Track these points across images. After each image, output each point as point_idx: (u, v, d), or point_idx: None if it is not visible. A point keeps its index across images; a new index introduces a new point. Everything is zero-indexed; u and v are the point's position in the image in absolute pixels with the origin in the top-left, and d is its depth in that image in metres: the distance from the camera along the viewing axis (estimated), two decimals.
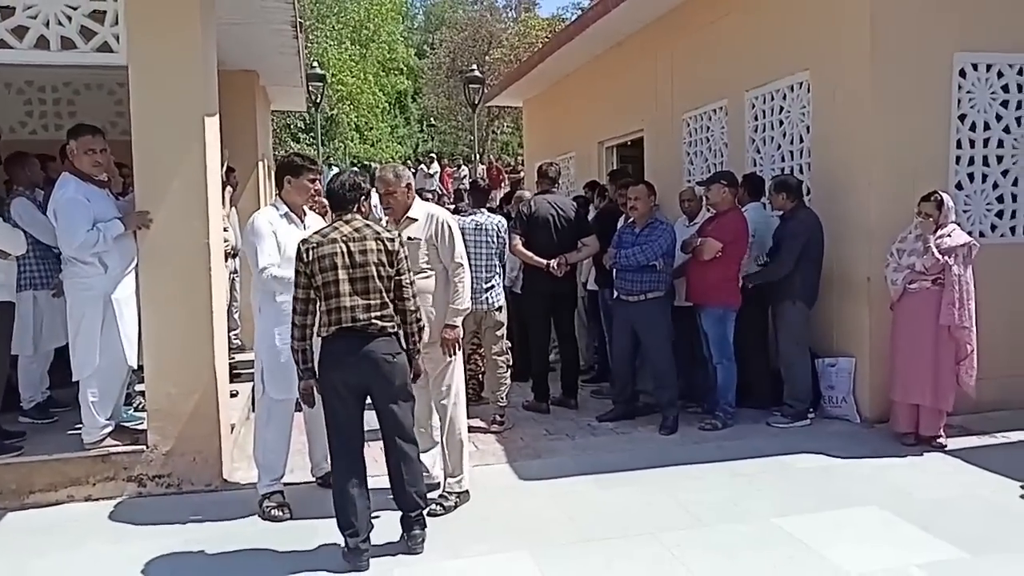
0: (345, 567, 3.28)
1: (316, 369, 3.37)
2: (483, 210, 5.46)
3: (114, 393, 4.28)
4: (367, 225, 3.41)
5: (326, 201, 3.90)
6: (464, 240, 4.18)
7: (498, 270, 5.35)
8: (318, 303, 3.33)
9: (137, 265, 4.23)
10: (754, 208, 5.65)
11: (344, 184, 3.47)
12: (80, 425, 4.26)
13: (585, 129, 9.97)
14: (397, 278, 3.40)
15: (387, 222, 4.01)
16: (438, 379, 3.98)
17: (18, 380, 4.77)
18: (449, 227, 3.96)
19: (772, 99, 6.16)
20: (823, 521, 3.74)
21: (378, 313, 3.31)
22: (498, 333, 5.27)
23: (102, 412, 4.20)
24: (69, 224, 4.04)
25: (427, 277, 3.92)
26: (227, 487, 4.28)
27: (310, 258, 3.30)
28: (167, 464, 4.21)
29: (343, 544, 3.32)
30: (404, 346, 3.44)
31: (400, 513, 3.46)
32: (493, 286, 5.22)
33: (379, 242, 3.35)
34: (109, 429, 4.25)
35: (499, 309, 5.26)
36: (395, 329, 3.39)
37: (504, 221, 5.52)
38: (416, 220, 3.94)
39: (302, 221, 4.03)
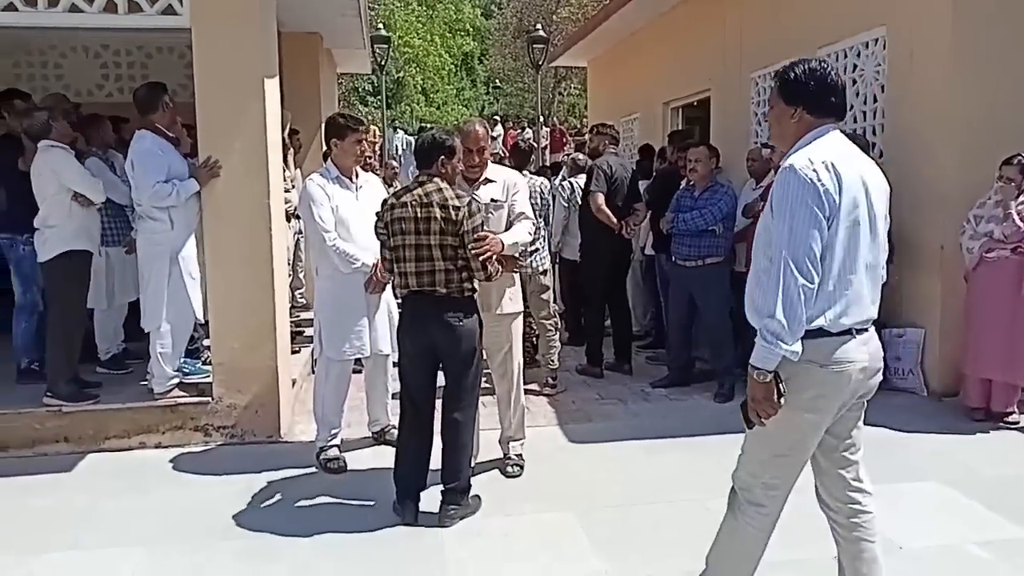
0: (395, 519, 3.38)
1: None
2: (526, 172, 5.43)
3: (181, 346, 4.47)
4: (439, 190, 3.29)
5: (395, 163, 3.93)
6: None
7: (542, 232, 5.32)
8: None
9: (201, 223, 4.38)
10: None
11: (424, 141, 3.41)
12: (150, 376, 4.48)
13: (650, 90, 9.74)
14: (465, 250, 3.27)
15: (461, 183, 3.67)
16: (503, 348, 3.83)
17: (95, 333, 5.02)
18: (518, 183, 3.83)
19: (845, 57, 5.88)
20: (880, 495, 3.52)
21: (443, 278, 3.26)
22: (543, 297, 5.26)
23: (170, 364, 4.40)
24: (144, 174, 4.21)
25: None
26: (287, 439, 4.45)
27: (386, 220, 3.33)
28: (230, 415, 4.39)
29: (395, 496, 3.41)
30: (476, 312, 3.40)
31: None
32: (537, 249, 5.17)
33: (443, 209, 3.23)
34: (177, 380, 4.46)
35: (544, 273, 5.24)
36: (465, 293, 3.32)
37: (546, 183, 5.49)
38: (495, 182, 3.74)
39: (354, 182, 4.05)
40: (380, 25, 18.23)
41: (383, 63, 16.69)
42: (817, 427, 2.28)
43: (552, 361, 5.30)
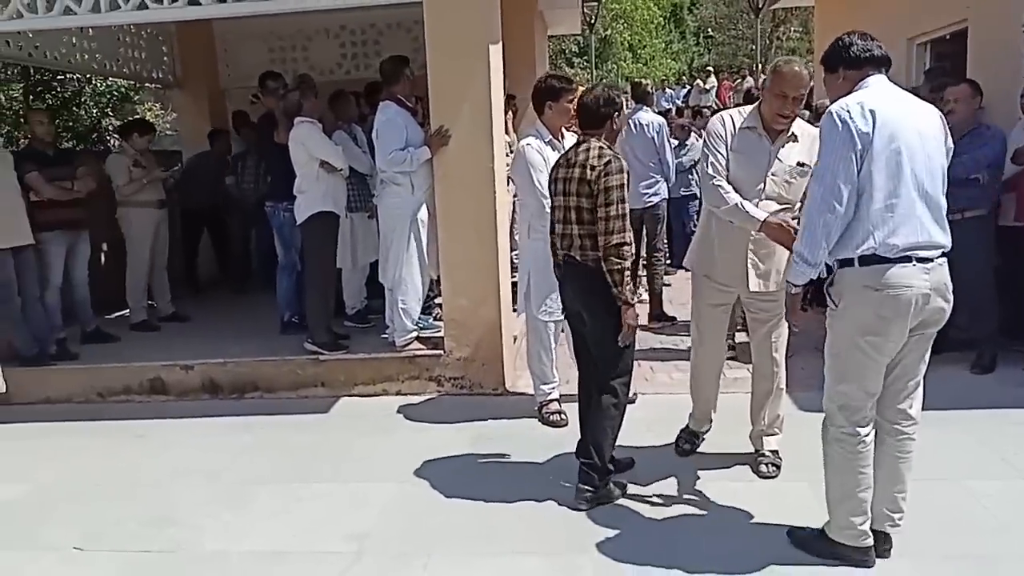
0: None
1: None
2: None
3: (418, 301, 4.81)
4: (588, 150, 3.12)
5: None
6: None
7: None
8: None
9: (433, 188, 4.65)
10: None
11: (599, 99, 3.15)
12: (389, 330, 4.87)
13: (891, 24, 8.70)
14: (595, 209, 3.05)
15: (759, 130, 3.15)
16: (772, 326, 3.34)
17: (343, 290, 5.55)
18: None
19: None
20: None
21: (579, 243, 3.13)
22: None
23: (408, 318, 4.76)
24: (384, 140, 4.56)
25: (789, 211, 3.16)
26: (510, 392, 4.65)
27: (553, 178, 3.28)
28: (460, 368, 4.67)
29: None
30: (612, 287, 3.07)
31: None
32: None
33: (584, 170, 3.07)
34: (415, 334, 4.83)
35: None
36: (599, 264, 3.08)
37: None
38: (797, 138, 3.17)
39: (561, 143, 4.04)
40: None
41: (592, 22, 16.55)
42: (879, 350, 2.44)
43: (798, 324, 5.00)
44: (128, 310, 5.99)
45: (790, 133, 3.14)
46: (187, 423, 4.47)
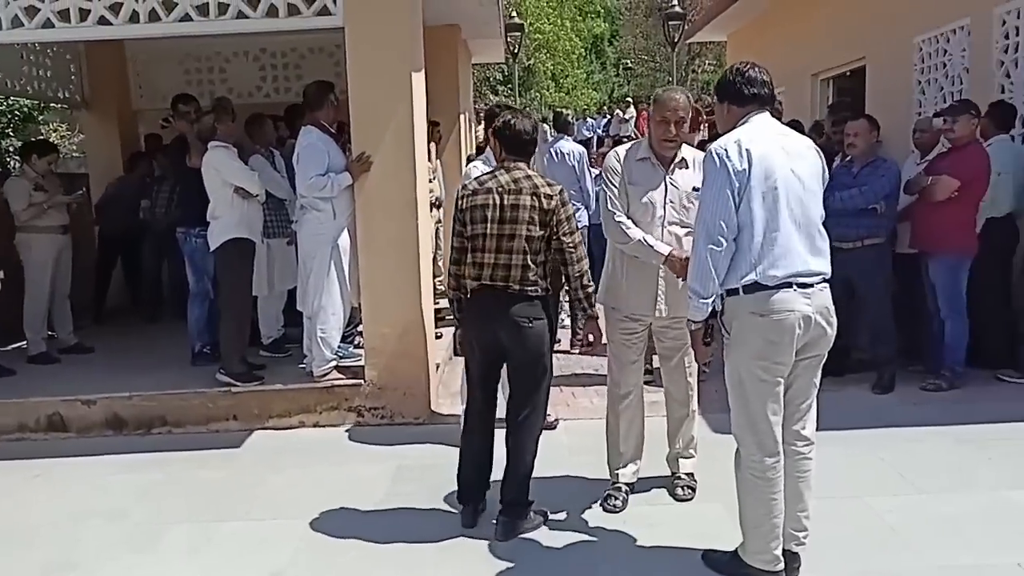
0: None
1: None
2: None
3: (338, 330, 4.72)
4: (528, 177, 3.09)
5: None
6: None
7: None
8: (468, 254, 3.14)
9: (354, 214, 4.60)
10: (1001, 141, 4.94)
11: (527, 129, 3.15)
12: (307, 359, 4.77)
13: (797, 61, 9.21)
14: (557, 239, 3.07)
15: (651, 160, 3.24)
16: (680, 351, 3.39)
17: (258, 319, 5.40)
18: None
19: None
20: None
21: (519, 275, 3.04)
22: None
23: (328, 347, 4.66)
24: (305, 165, 4.49)
25: (691, 235, 3.10)
26: (434, 420, 4.60)
27: (464, 206, 3.12)
28: (381, 397, 4.60)
29: (458, 499, 3.31)
30: (550, 313, 3.15)
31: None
32: None
33: (535, 198, 3.03)
34: (334, 363, 4.72)
35: None
36: (540, 293, 3.09)
37: None
38: (687, 164, 3.25)
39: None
40: (513, 13, 18.36)
41: (515, 51, 16.80)
42: (772, 372, 2.57)
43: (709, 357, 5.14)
44: (25, 341, 5.66)
45: (680, 159, 3.24)
46: (89, 461, 4.24)
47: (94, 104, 7.57)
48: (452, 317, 3.32)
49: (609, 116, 20.77)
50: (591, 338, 3.24)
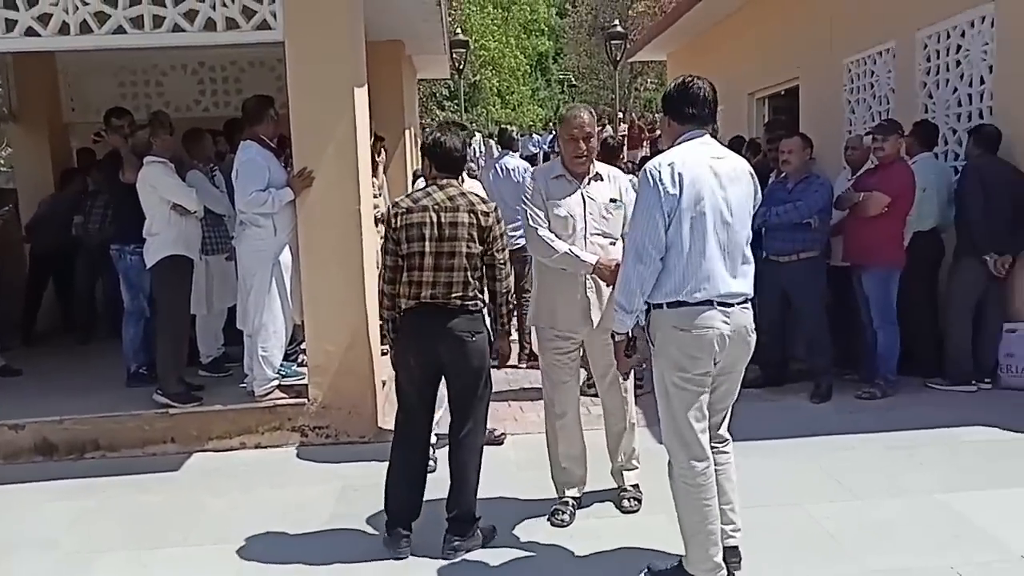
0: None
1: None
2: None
3: (280, 348, 4.63)
4: (462, 194, 3.11)
5: (473, 165, 3.84)
6: None
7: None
8: (404, 272, 3.09)
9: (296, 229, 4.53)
10: (925, 159, 5.17)
11: (457, 146, 3.15)
12: (248, 379, 4.66)
13: (734, 80, 9.48)
14: (489, 255, 3.11)
15: (566, 177, 3.31)
16: (614, 370, 3.30)
17: (196, 337, 5.26)
18: (628, 184, 3.43)
19: (948, 38, 5.57)
20: (994, 499, 3.43)
21: (460, 292, 3.05)
22: None
23: (270, 366, 4.56)
24: (245, 181, 4.40)
25: (615, 244, 3.30)
26: (380, 439, 4.52)
27: (398, 224, 3.06)
28: (326, 416, 4.52)
29: (385, 528, 3.21)
30: (489, 327, 3.16)
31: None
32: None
33: (472, 215, 3.06)
34: (276, 382, 4.63)
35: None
36: (479, 307, 3.12)
37: (634, 180, 5.31)
38: (603, 178, 3.35)
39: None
40: (458, 30, 18.46)
41: (461, 67, 16.88)
42: (694, 383, 2.67)
43: (640, 366, 5.21)
44: None
45: (594, 173, 3.33)
46: (17, 489, 4.04)
47: (22, 116, 7.28)
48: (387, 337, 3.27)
49: (554, 132, 20.98)
50: (506, 354, 3.34)
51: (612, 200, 3.31)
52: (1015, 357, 4.88)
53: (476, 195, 3.18)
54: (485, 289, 3.18)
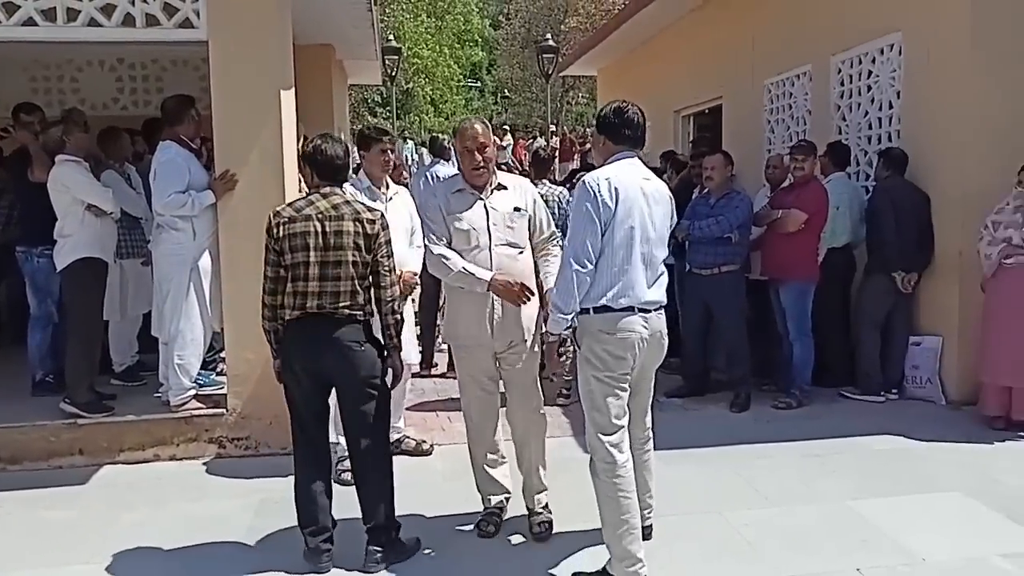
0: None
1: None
2: (544, 181, 5.39)
3: (197, 356, 4.47)
4: (347, 202, 3.06)
5: (406, 173, 3.83)
6: None
7: (562, 244, 5.28)
8: (287, 283, 3.01)
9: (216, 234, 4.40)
10: (838, 179, 5.42)
11: (339, 154, 3.11)
12: (163, 388, 4.49)
13: (661, 97, 9.74)
14: (375, 263, 3.05)
15: (466, 190, 3.26)
16: (527, 375, 3.34)
17: (109, 345, 5.03)
18: (536, 193, 3.43)
19: (860, 63, 5.85)
20: (901, 505, 3.60)
21: (348, 302, 3.00)
22: None
23: (186, 375, 4.40)
24: (163, 182, 4.24)
25: (527, 255, 3.32)
26: None
27: (280, 234, 2.97)
28: (245, 427, 4.39)
29: (304, 543, 3.11)
30: (376, 337, 3.13)
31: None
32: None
33: (357, 223, 3.01)
34: (193, 392, 4.47)
35: None
36: (364, 317, 3.07)
37: (565, 192, 5.43)
38: (506, 188, 3.31)
39: (385, 193, 4.06)
40: (391, 37, 18.34)
41: (393, 74, 16.78)
42: (616, 381, 2.87)
43: (565, 371, 5.26)
44: None
45: (496, 184, 3.28)
46: None
47: None
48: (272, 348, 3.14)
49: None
50: (400, 369, 3.21)
51: (516, 209, 3.26)
52: (920, 369, 5.14)
53: (361, 203, 3.13)
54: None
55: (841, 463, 4.13)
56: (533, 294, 3.21)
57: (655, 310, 2.93)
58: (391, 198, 4.07)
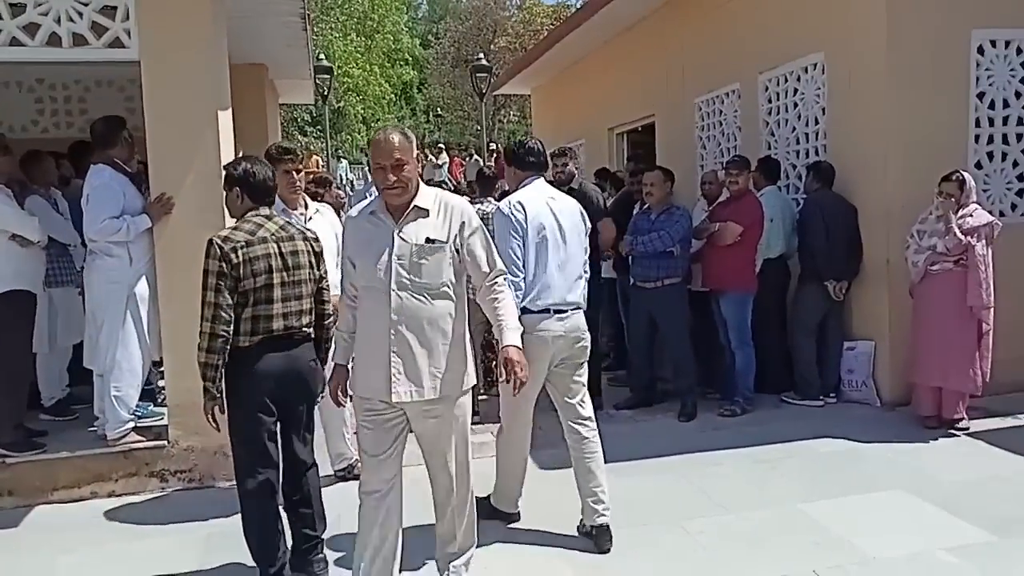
0: None
1: (227, 386, 2.94)
2: (491, 199, 5.40)
3: (135, 387, 4.29)
4: (288, 223, 3.12)
5: (342, 192, 3.77)
6: None
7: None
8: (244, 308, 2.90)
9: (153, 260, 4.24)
10: (771, 192, 5.61)
11: (269, 176, 3.08)
12: (99, 422, 4.28)
13: (595, 115, 9.92)
14: (319, 280, 3.15)
15: (379, 213, 2.71)
16: (443, 438, 2.77)
17: (37, 378, 4.78)
18: (472, 218, 2.77)
19: (786, 81, 6.09)
20: (848, 506, 3.72)
21: (307, 320, 3.06)
22: None
23: (124, 407, 4.21)
24: (97, 207, 4.08)
25: (445, 297, 2.69)
26: None
27: (238, 259, 2.85)
28: (189, 459, 4.22)
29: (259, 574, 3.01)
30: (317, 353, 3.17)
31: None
32: None
33: (307, 242, 3.09)
34: (131, 424, 4.27)
35: None
36: (313, 334, 3.14)
37: None
38: (428, 213, 2.68)
39: (303, 213, 4.02)
40: (321, 56, 18.16)
41: (325, 93, 16.59)
42: (534, 374, 3.12)
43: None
44: None
45: (413, 207, 2.67)
46: None
47: None
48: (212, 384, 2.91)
49: (423, 162, 21.02)
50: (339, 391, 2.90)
51: (429, 240, 2.65)
52: (855, 373, 5.34)
53: (294, 224, 3.19)
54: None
55: (789, 467, 4.24)
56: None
57: (572, 310, 3.37)
58: (310, 217, 4.01)
